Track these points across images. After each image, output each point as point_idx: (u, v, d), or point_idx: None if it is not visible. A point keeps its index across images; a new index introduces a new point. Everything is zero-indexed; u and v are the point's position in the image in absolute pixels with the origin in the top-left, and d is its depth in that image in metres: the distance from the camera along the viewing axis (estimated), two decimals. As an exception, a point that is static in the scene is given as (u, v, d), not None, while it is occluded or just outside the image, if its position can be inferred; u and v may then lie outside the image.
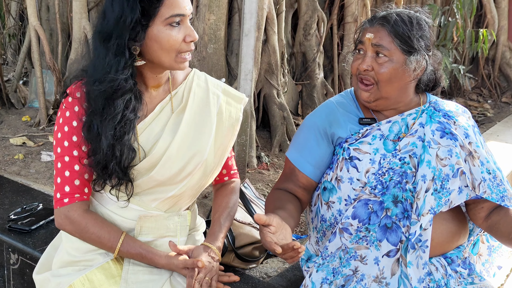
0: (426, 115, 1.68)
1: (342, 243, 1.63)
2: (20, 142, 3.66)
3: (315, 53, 4.47)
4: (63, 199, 1.50)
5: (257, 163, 3.60)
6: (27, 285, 2.13)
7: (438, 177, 1.57)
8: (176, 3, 1.42)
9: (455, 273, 1.62)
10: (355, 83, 1.70)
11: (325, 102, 1.82)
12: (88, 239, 1.52)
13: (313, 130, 1.73)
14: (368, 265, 1.58)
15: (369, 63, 1.63)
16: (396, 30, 1.61)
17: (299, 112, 4.55)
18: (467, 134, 1.65)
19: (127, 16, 1.39)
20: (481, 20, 6.36)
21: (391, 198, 1.60)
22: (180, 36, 1.44)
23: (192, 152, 1.55)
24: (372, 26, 1.65)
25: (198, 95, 1.61)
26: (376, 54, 1.63)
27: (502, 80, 6.49)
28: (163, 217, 1.59)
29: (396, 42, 1.61)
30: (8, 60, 5.83)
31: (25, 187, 2.73)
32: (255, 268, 2.16)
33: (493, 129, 5.05)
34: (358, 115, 1.73)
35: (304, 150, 1.72)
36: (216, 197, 1.76)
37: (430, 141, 1.61)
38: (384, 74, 1.62)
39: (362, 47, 1.67)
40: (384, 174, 1.61)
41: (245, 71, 2.78)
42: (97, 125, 1.44)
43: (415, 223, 1.55)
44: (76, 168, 1.49)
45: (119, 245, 1.50)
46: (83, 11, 3.84)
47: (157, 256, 1.52)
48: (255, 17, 2.75)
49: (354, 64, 1.69)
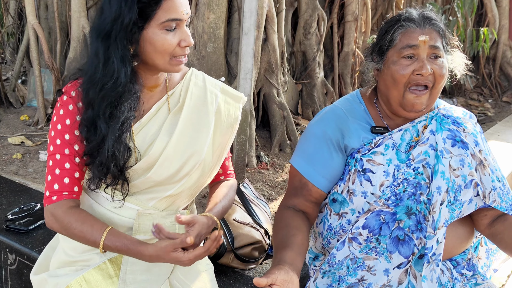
0: (436, 122, 1.62)
1: (350, 252, 1.59)
2: (18, 141, 3.64)
3: (315, 52, 4.45)
4: (51, 197, 1.48)
5: (257, 163, 3.59)
6: (25, 285, 2.11)
7: (451, 189, 1.53)
8: (173, 8, 1.40)
9: (461, 276, 1.60)
10: (401, 92, 1.56)
11: (330, 107, 1.70)
12: (73, 235, 1.48)
13: (324, 141, 1.62)
14: (377, 276, 1.54)
15: (430, 66, 1.53)
16: (443, 30, 1.57)
17: (299, 112, 4.54)
18: (476, 142, 1.60)
19: (125, 16, 1.37)
20: (482, 19, 6.36)
21: (404, 210, 1.55)
22: (175, 40, 1.42)
23: (190, 152, 1.53)
24: (422, 28, 1.54)
25: (196, 94, 1.59)
26: (433, 57, 1.55)
27: (503, 80, 6.49)
28: (160, 216, 1.57)
29: (444, 42, 1.57)
30: (7, 59, 5.82)
31: (23, 187, 2.71)
32: (254, 268, 2.14)
33: (494, 128, 5.03)
34: (369, 122, 1.65)
35: (316, 163, 1.62)
36: (212, 191, 1.73)
37: (442, 150, 1.56)
38: (444, 76, 1.55)
39: (412, 52, 1.53)
40: (399, 185, 1.55)
41: (245, 70, 2.76)
42: (103, 127, 1.42)
43: (432, 237, 1.50)
44: (67, 166, 1.47)
45: (103, 239, 1.45)
46: (81, 10, 3.82)
47: (143, 246, 1.45)
48: (255, 16, 2.73)
49: (405, 71, 1.53)
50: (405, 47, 1.54)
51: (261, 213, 2.25)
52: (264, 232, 2.16)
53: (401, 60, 1.55)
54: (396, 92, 1.57)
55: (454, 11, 5.45)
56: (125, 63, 1.41)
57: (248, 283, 1.93)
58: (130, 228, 1.55)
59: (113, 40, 1.39)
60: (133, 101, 1.45)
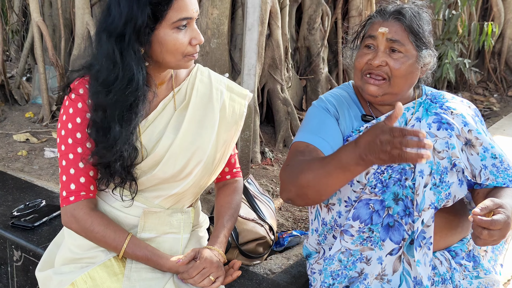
0: (423, 108, 1.64)
1: (341, 245, 1.60)
2: (23, 138, 3.65)
3: (320, 47, 4.44)
4: (69, 197, 1.49)
5: (261, 159, 3.58)
6: (31, 282, 2.12)
7: (436, 171, 1.54)
8: (184, 7, 1.40)
9: (460, 266, 1.61)
10: (359, 78, 1.64)
11: (329, 93, 1.73)
12: (93, 238, 1.51)
13: (327, 113, 1.64)
14: (372, 265, 1.56)
15: (383, 58, 1.56)
16: (411, 25, 1.56)
17: (303, 107, 4.53)
18: (465, 122, 1.61)
19: (137, 19, 1.36)
20: (487, 14, 6.32)
21: (391, 196, 1.57)
22: (186, 39, 1.42)
23: (194, 148, 1.53)
24: (385, 20, 1.58)
25: (201, 91, 1.59)
26: (390, 50, 1.57)
27: (508, 74, 6.45)
28: (166, 214, 1.58)
29: (411, 38, 1.56)
30: (11, 57, 5.83)
31: (28, 184, 2.72)
32: (259, 264, 2.14)
33: (499, 123, 5.01)
34: (360, 110, 1.68)
35: (322, 132, 1.60)
36: (219, 196, 1.74)
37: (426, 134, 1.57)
38: (400, 70, 1.56)
39: (372, 42, 1.59)
40: (383, 172, 1.57)
41: (249, 66, 2.76)
42: (117, 130, 1.41)
43: (417, 219, 1.52)
44: (81, 166, 1.48)
45: (125, 246, 1.49)
46: (85, 7, 3.83)
47: (163, 259, 1.51)
48: (258, 11, 2.72)
49: (361, 59, 1.61)
50: (366, 37, 1.61)
51: (266, 209, 2.25)
52: (268, 227, 2.16)
53: (363, 49, 1.62)
54: (357, 79, 1.65)
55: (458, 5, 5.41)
56: (142, 67, 1.40)
57: (253, 279, 1.93)
58: (135, 226, 1.56)
59: (127, 44, 1.38)
60: (145, 102, 1.46)
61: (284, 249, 2.36)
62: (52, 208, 2.32)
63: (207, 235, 1.76)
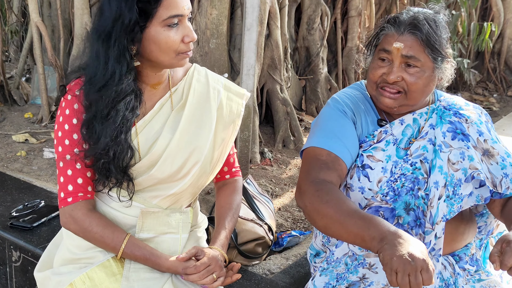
0: (436, 115, 1.60)
1: (349, 249, 1.59)
2: (22, 139, 3.65)
3: (319, 47, 4.44)
4: (66, 198, 1.49)
5: (260, 159, 3.58)
6: (29, 282, 2.12)
7: (450, 183, 1.51)
8: (174, 4, 1.39)
9: (463, 271, 1.59)
10: (373, 89, 1.59)
11: (342, 93, 1.69)
12: (92, 238, 1.51)
13: (344, 115, 1.60)
14: (379, 274, 1.52)
15: (399, 74, 1.52)
16: (428, 39, 1.51)
17: (302, 107, 4.53)
18: (480, 132, 1.57)
19: (125, 17, 1.36)
20: (487, 14, 6.32)
21: (403, 206, 1.53)
22: (178, 37, 1.41)
23: (192, 147, 1.53)
24: (400, 35, 1.52)
25: (198, 91, 1.59)
26: (405, 64, 1.53)
27: (508, 74, 6.45)
28: (164, 214, 1.58)
29: (427, 51, 1.51)
30: (11, 57, 5.83)
31: (27, 184, 2.72)
32: (258, 264, 2.14)
33: (499, 123, 5.02)
34: (375, 114, 1.65)
35: (341, 136, 1.56)
36: (219, 196, 1.74)
37: (441, 144, 1.54)
38: (417, 84, 1.53)
39: (387, 56, 1.54)
40: (396, 180, 1.54)
41: (248, 66, 2.75)
42: (98, 127, 1.42)
43: (430, 232, 1.49)
44: (78, 167, 1.48)
45: (124, 246, 1.49)
46: (84, 7, 3.82)
47: (161, 259, 1.50)
48: (257, 11, 2.72)
49: (376, 72, 1.56)
50: (381, 50, 1.57)
51: (265, 209, 2.25)
52: (267, 228, 2.15)
53: (377, 61, 1.58)
54: (370, 89, 1.62)
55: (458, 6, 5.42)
56: (121, 62, 1.40)
57: (252, 279, 1.93)
58: (134, 226, 1.56)
59: (113, 41, 1.38)
60: (131, 100, 1.44)
61: (283, 249, 2.36)
62: (51, 209, 2.32)
63: (205, 236, 1.76)
